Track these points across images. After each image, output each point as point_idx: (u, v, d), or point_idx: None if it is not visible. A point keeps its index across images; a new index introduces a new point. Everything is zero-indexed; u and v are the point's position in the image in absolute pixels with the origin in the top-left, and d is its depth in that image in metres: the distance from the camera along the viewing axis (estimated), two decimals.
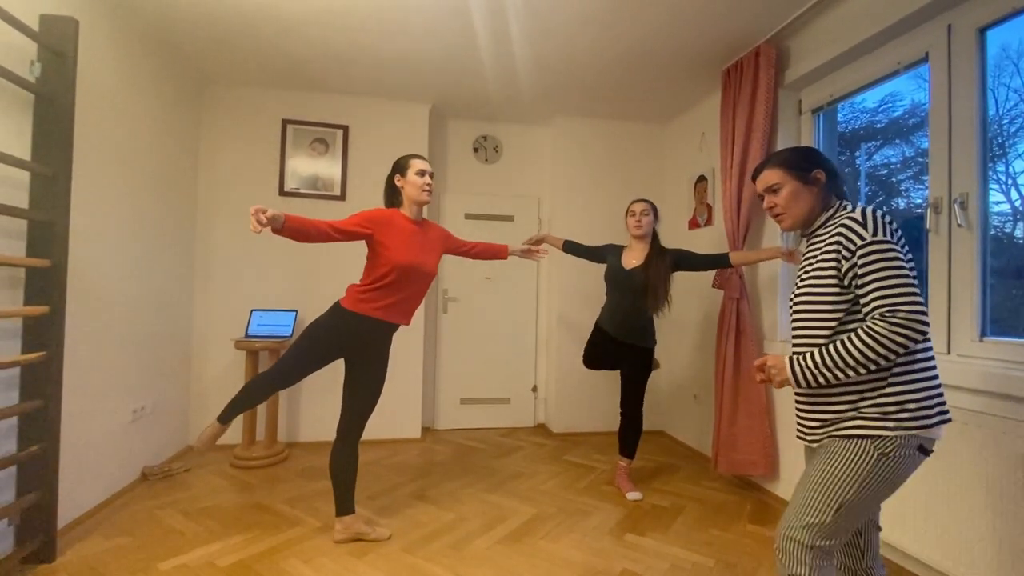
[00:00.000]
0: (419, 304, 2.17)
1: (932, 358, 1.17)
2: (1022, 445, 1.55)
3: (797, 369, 1.19)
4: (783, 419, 2.63)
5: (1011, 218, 1.88)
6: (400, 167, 2.11)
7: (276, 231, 1.69)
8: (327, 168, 3.51)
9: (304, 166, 3.49)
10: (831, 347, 1.16)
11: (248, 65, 3.10)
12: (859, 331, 1.13)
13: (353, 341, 2.05)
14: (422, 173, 2.08)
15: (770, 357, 1.25)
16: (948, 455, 1.74)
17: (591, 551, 2.10)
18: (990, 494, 1.63)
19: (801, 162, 1.31)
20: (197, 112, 3.30)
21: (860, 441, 1.13)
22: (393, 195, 2.14)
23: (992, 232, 1.86)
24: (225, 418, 2.04)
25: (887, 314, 1.10)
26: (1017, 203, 1.87)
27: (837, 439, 1.18)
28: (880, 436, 1.12)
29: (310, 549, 2.05)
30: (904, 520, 1.88)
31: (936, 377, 1.16)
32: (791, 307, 1.33)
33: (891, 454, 1.11)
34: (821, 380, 1.17)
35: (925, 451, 1.13)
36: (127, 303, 2.55)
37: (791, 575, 1.16)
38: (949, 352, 1.89)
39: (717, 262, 2.55)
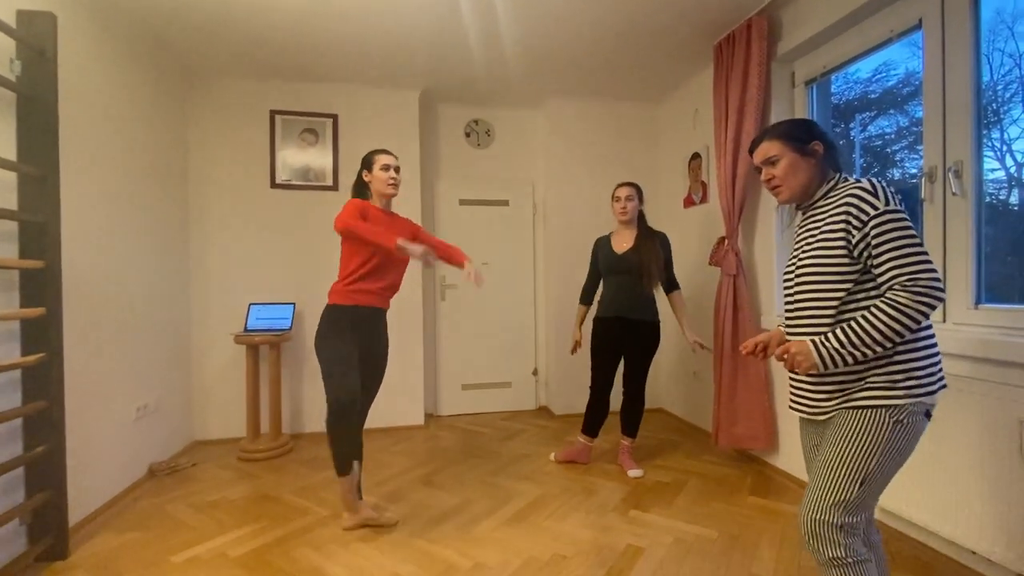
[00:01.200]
0: (398, 288, 2.27)
1: (931, 326, 1.19)
2: (1016, 409, 1.57)
3: (824, 352, 1.15)
4: (782, 393, 2.66)
5: (1006, 185, 1.88)
6: (367, 163, 2.19)
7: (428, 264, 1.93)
8: (318, 158, 3.48)
9: (295, 157, 3.46)
10: (853, 324, 1.13)
11: (232, 55, 3.05)
12: (880, 304, 1.11)
13: (356, 332, 2.11)
14: (387, 168, 2.17)
15: (793, 344, 1.21)
16: (943, 421, 1.76)
17: (596, 528, 2.14)
18: (984, 458, 1.66)
19: (799, 133, 1.29)
20: (183, 106, 3.25)
21: (874, 411, 1.14)
22: (362, 189, 2.22)
23: (987, 200, 1.86)
24: (342, 469, 2.07)
25: (908, 283, 1.09)
26: (1012, 169, 1.87)
27: (848, 411, 1.17)
28: (893, 405, 1.12)
29: (320, 537, 2.08)
30: (899, 485, 1.92)
31: (936, 345, 1.18)
32: (791, 281, 1.31)
33: (904, 420, 1.12)
34: (848, 360, 1.14)
35: (929, 415, 1.16)
36: (124, 302, 2.54)
37: (831, 558, 1.14)
38: (945, 320, 1.91)
39: (669, 287, 2.75)
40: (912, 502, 1.89)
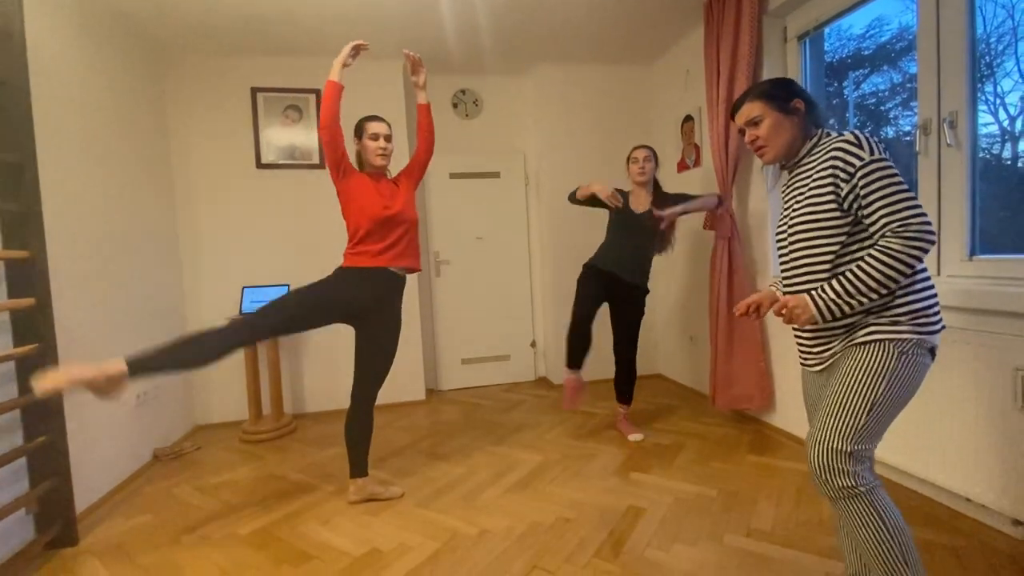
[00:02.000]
0: (416, 246, 2.16)
1: (927, 270, 1.19)
2: (1010, 358, 1.59)
3: (821, 304, 1.16)
4: (778, 352, 2.68)
5: (999, 139, 1.86)
6: (357, 131, 2.13)
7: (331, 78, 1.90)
8: (303, 136, 3.40)
9: (279, 136, 3.38)
10: (848, 274, 1.14)
11: (207, 31, 2.94)
12: (873, 252, 1.12)
13: (365, 299, 2.04)
14: (375, 137, 2.09)
15: (789, 299, 1.21)
16: (938, 372, 1.78)
17: (597, 491, 2.17)
18: (979, 407, 1.68)
19: (780, 92, 1.29)
20: (161, 87, 3.16)
21: (879, 344, 1.14)
22: (358, 161, 2.18)
23: (980, 155, 1.84)
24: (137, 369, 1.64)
25: (899, 229, 1.10)
26: (1005, 123, 1.85)
27: (854, 348, 1.18)
28: (898, 338, 1.13)
29: (327, 512, 2.11)
30: (895, 436, 1.95)
31: (933, 287, 1.18)
32: (784, 239, 1.32)
33: (910, 352, 1.13)
34: (846, 309, 1.15)
35: (933, 355, 1.17)
36: (114, 290, 2.51)
37: (840, 488, 1.12)
38: (939, 273, 1.91)
39: (703, 204, 2.67)
40: (908, 452, 1.92)
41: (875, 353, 1.14)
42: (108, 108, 2.56)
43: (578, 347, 2.64)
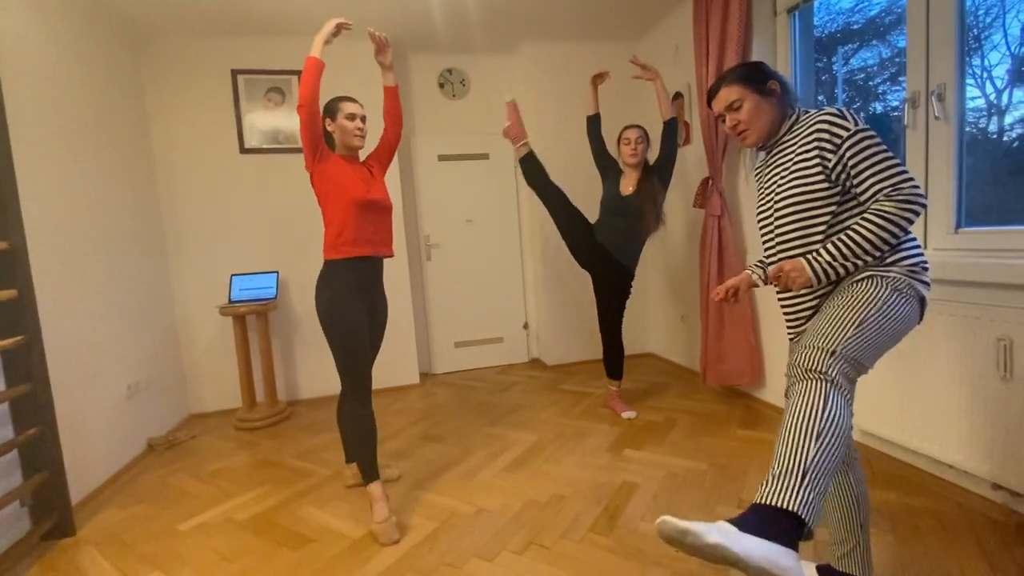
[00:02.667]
0: (392, 233, 2.10)
1: (916, 238, 1.20)
2: (994, 328, 1.62)
3: (817, 266, 1.17)
4: (768, 329, 2.71)
5: (986, 113, 1.87)
6: (330, 111, 2.01)
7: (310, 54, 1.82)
8: (287, 120, 3.33)
9: (262, 120, 3.31)
10: (843, 237, 1.15)
11: (185, 11, 2.84)
12: (867, 216, 1.13)
13: (357, 288, 1.99)
14: (352, 117, 1.99)
15: (785, 263, 1.21)
16: (923, 342, 1.81)
17: (592, 468, 2.21)
18: (963, 376, 1.72)
19: (757, 75, 1.30)
20: (138, 72, 3.07)
21: (872, 279, 1.15)
22: (327, 141, 2.04)
23: (968, 129, 1.85)
24: (370, 474, 1.91)
25: (892, 193, 1.12)
26: (992, 96, 1.85)
27: (846, 284, 1.18)
28: (891, 276, 1.14)
29: (324, 496, 2.13)
30: (879, 406, 2.00)
31: (923, 252, 1.19)
32: (768, 217, 1.32)
33: (903, 290, 1.13)
34: (840, 272, 1.16)
35: (923, 308, 1.17)
36: (100, 281, 2.47)
37: (809, 369, 1.03)
38: (926, 247, 1.93)
39: (668, 138, 2.65)
40: (893, 422, 1.97)
41: (868, 285, 1.14)
42: (84, 93, 2.48)
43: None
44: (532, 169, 2.74)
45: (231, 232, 3.31)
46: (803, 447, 0.92)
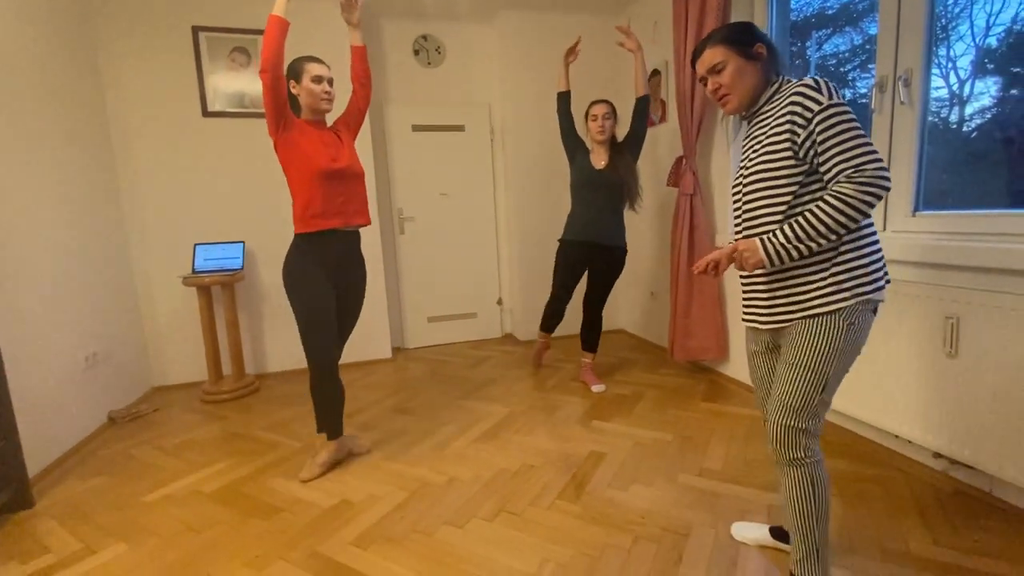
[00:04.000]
0: (366, 201, 2.05)
1: (872, 224, 1.21)
2: (944, 307, 1.71)
3: (770, 248, 1.17)
4: (734, 307, 2.79)
5: (948, 103, 1.93)
6: (294, 72, 1.89)
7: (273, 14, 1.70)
8: (252, 82, 3.18)
9: (226, 82, 3.15)
10: (799, 219, 1.14)
11: None
12: (826, 197, 1.11)
13: (327, 265, 1.96)
14: (319, 80, 1.89)
15: (740, 243, 1.21)
16: (881, 321, 1.90)
17: (561, 438, 2.26)
18: (913, 353, 1.82)
19: (742, 36, 1.25)
20: (90, 26, 2.86)
21: (827, 318, 1.18)
22: (291, 104, 1.93)
23: (930, 119, 1.90)
24: (334, 431, 2.08)
25: (854, 175, 1.09)
26: (955, 87, 1.91)
27: (803, 322, 1.21)
28: (843, 308, 1.16)
29: (294, 468, 2.12)
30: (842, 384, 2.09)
31: (878, 242, 1.21)
32: (739, 190, 1.31)
33: (856, 322, 1.17)
34: (795, 255, 1.16)
35: (874, 310, 1.21)
36: (52, 249, 2.35)
37: (791, 459, 1.23)
38: (885, 228, 2.01)
39: (638, 116, 2.66)
40: (845, 395, 2.07)
41: (826, 329, 1.17)
42: (27, 59, 2.31)
43: (553, 318, 2.90)
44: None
45: (194, 200, 3.18)
46: (812, 533, 1.25)
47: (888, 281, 1.21)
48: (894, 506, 1.66)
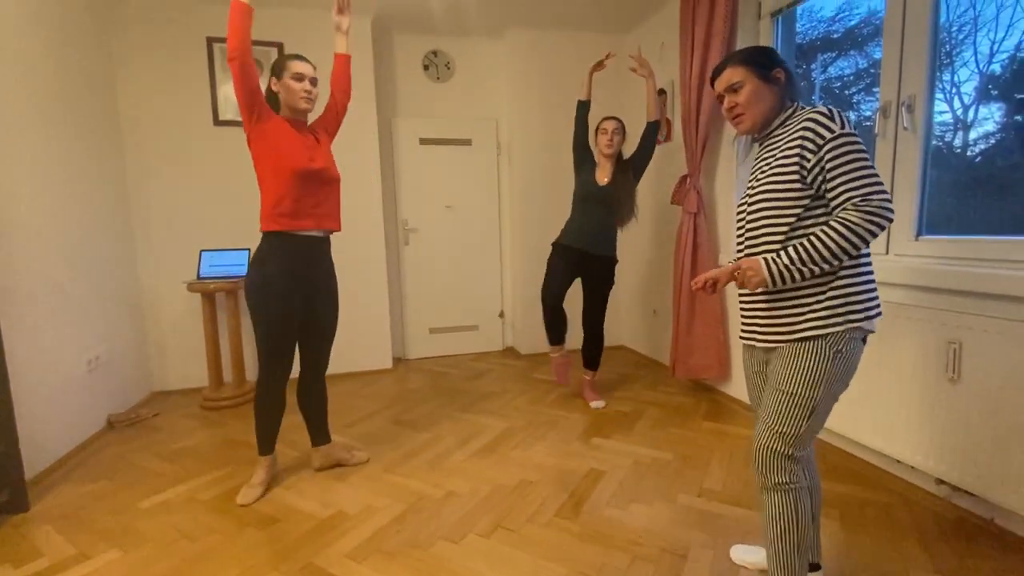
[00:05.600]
0: (339, 206, 1.99)
1: (869, 255, 1.23)
2: (946, 332, 1.70)
3: (774, 268, 1.18)
4: (735, 325, 2.79)
5: (952, 128, 1.95)
6: (276, 69, 1.85)
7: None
8: None
9: None
10: (804, 242, 1.15)
11: None
12: (832, 223, 1.13)
13: (300, 268, 1.89)
14: (300, 77, 1.83)
15: (743, 261, 1.23)
16: (881, 345, 1.90)
17: (560, 455, 2.25)
18: (915, 378, 1.81)
19: (763, 59, 1.27)
20: (106, 37, 2.92)
21: (814, 342, 1.18)
22: (272, 102, 1.89)
23: (934, 143, 1.92)
24: (266, 448, 2.03)
25: (860, 203, 1.11)
26: (959, 112, 1.93)
27: (792, 344, 1.22)
28: (831, 334, 1.17)
29: (292, 477, 2.11)
30: (839, 404, 2.08)
31: (872, 274, 1.22)
32: (743, 208, 1.32)
33: (843, 349, 1.17)
34: (797, 277, 1.17)
35: (864, 340, 1.22)
36: (59, 253, 2.37)
37: (774, 483, 1.23)
38: (887, 252, 2.01)
39: (647, 138, 2.70)
40: (847, 418, 2.06)
41: (812, 355, 1.18)
42: (48, 60, 2.36)
43: (555, 326, 2.79)
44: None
45: (203, 206, 3.21)
46: (790, 560, 1.24)
47: (880, 313, 1.21)
48: (895, 532, 1.64)
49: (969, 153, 1.94)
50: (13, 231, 2.08)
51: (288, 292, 1.86)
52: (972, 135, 1.92)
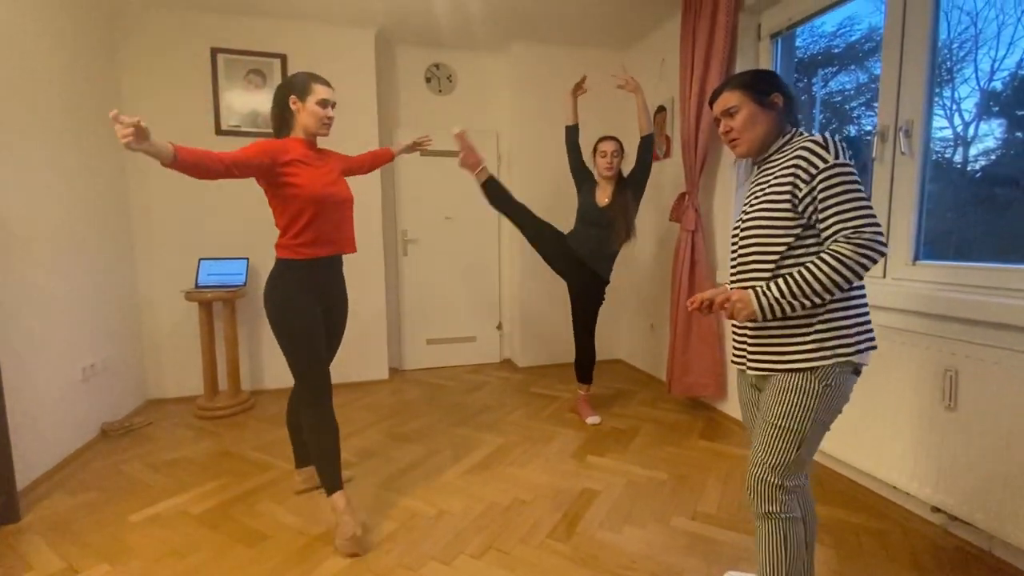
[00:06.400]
0: (352, 229, 1.93)
1: (864, 287, 1.21)
2: (943, 359, 1.70)
3: (764, 301, 1.17)
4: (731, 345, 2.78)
5: (952, 144, 1.95)
6: (299, 88, 1.75)
7: (167, 164, 1.36)
8: (266, 103, 3.25)
9: (241, 101, 3.22)
10: (795, 274, 1.14)
11: None
12: (822, 256, 1.12)
13: (317, 287, 1.85)
14: (325, 104, 1.76)
15: (733, 292, 1.22)
16: (877, 372, 1.89)
17: (555, 473, 2.24)
18: (911, 404, 1.80)
19: (760, 84, 1.27)
20: (112, 45, 2.95)
21: (803, 375, 1.18)
22: (283, 117, 1.80)
23: (934, 158, 1.92)
24: (337, 482, 1.79)
25: (852, 236, 1.10)
26: (959, 128, 1.93)
27: (783, 375, 1.21)
28: (819, 367, 1.16)
29: (283, 492, 2.10)
30: (833, 427, 2.07)
31: (866, 306, 1.21)
32: (736, 232, 1.32)
33: (832, 383, 1.17)
34: (787, 310, 1.16)
35: (857, 372, 1.21)
36: (55, 260, 2.37)
37: (766, 512, 1.24)
38: (885, 276, 2.01)
39: (643, 154, 2.68)
40: (845, 444, 2.05)
41: (801, 388, 1.18)
42: (51, 70, 2.37)
43: (554, 249, 2.78)
44: (495, 192, 2.74)
45: (203, 215, 3.22)
46: None
47: (874, 347, 1.20)
48: (891, 559, 1.63)
49: (970, 168, 1.94)
50: (10, 237, 2.08)
51: (309, 305, 1.79)
52: (972, 151, 1.92)
